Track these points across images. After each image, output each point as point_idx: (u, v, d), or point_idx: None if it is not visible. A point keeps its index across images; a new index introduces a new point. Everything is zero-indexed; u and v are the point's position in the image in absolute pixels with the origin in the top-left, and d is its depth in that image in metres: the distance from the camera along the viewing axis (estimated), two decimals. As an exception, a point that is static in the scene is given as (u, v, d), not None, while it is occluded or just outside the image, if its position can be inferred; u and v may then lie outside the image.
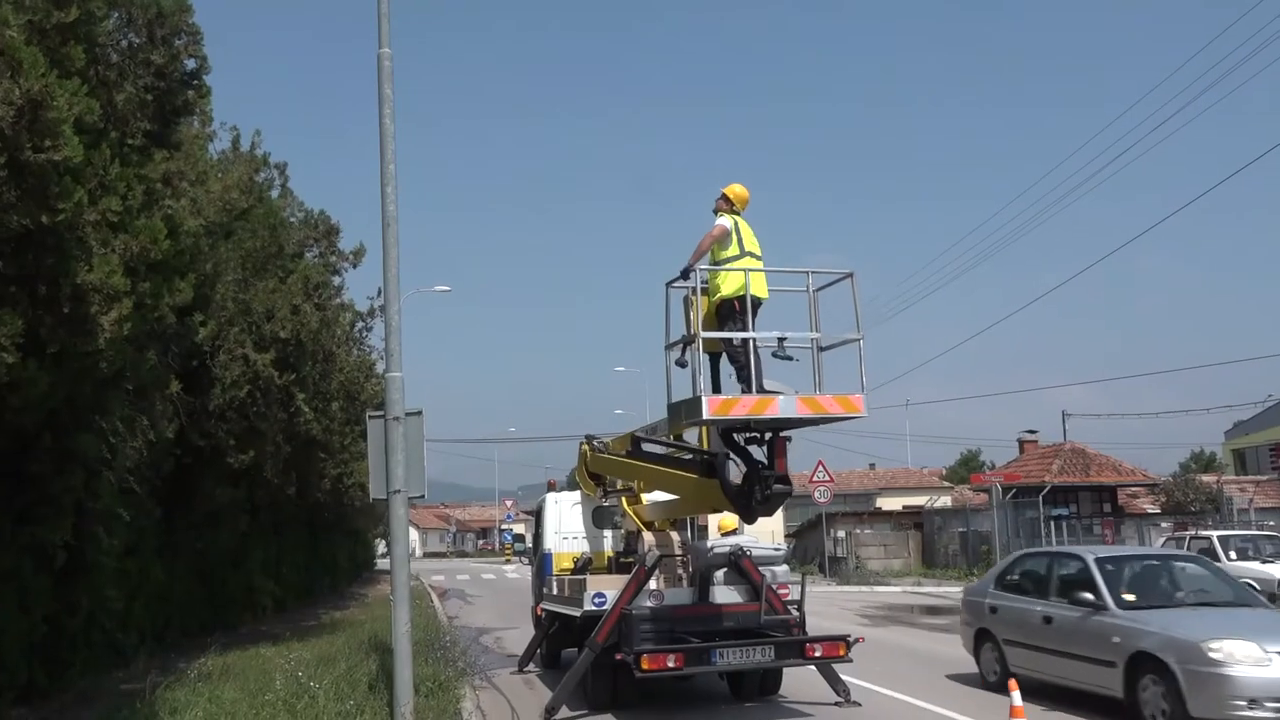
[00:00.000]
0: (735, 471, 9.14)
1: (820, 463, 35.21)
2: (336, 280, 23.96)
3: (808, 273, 8.93)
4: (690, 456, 10.05)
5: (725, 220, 9.14)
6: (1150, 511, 37.83)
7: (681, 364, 8.86)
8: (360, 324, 27.52)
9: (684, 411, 8.63)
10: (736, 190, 9.44)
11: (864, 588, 31.65)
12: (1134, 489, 40.89)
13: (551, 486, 16.01)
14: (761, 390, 8.46)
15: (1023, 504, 34.16)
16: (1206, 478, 41.97)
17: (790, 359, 8.85)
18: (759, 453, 8.90)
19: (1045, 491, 33.97)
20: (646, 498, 12.78)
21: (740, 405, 8.32)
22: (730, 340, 8.76)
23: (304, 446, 21.50)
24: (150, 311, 11.06)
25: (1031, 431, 43.17)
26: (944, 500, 46.71)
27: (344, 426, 24.71)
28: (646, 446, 11.23)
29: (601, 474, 12.93)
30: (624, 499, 12.55)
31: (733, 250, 8.98)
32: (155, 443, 14.35)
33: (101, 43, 10.83)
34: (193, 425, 16.22)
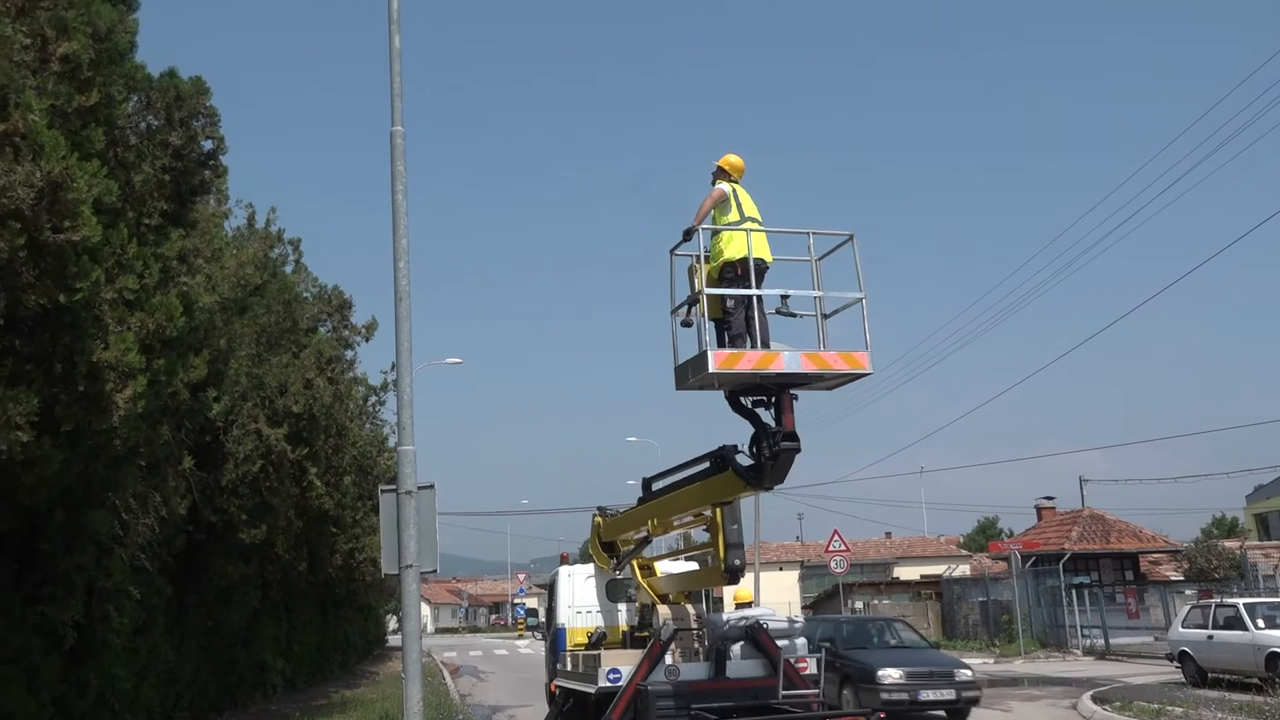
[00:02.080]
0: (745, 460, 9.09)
1: (835, 532, 34.85)
2: (349, 354, 24.19)
3: (809, 233, 8.93)
4: (699, 469, 9.97)
5: (724, 185, 9.17)
6: (1173, 579, 37.16)
7: (687, 324, 8.83)
8: (373, 398, 27.68)
9: (690, 370, 8.56)
10: (731, 160, 9.41)
11: (883, 660, 30.99)
12: (1155, 555, 40.25)
13: (564, 560, 15.85)
14: (766, 347, 8.44)
15: (1043, 572, 33.62)
16: (1229, 543, 41.28)
17: (794, 315, 8.81)
18: (768, 417, 8.80)
19: (1065, 559, 33.45)
20: (661, 569, 12.63)
21: (745, 359, 8.27)
22: (726, 306, 8.74)
23: (316, 521, 21.42)
24: (164, 388, 11.12)
25: (1049, 498, 42.67)
26: (962, 569, 46.05)
27: (356, 501, 24.65)
28: (657, 485, 11.16)
29: (615, 540, 12.80)
30: (638, 571, 12.41)
31: (733, 216, 8.97)
32: (167, 519, 14.31)
33: (121, 125, 11.08)
34: (205, 501, 16.19)
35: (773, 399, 8.72)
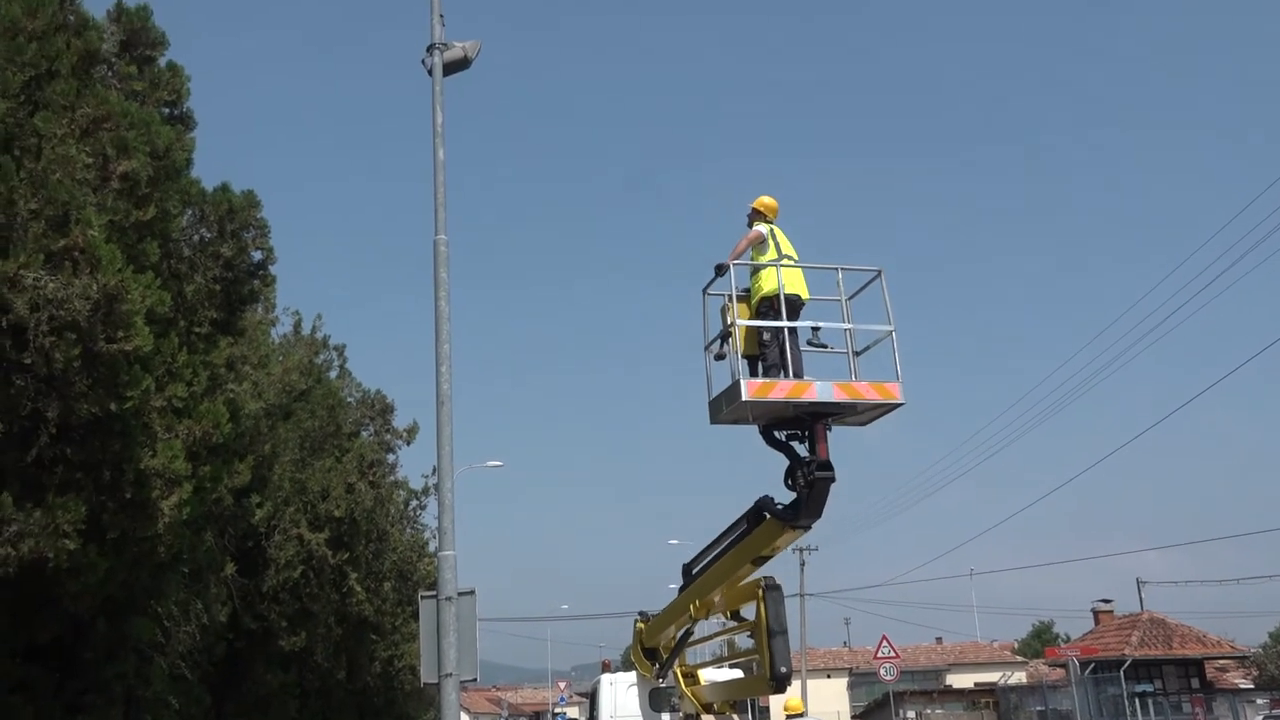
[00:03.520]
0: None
1: (884, 637, 33.79)
2: (391, 458, 24.30)
3: (838, 269, 9.04)
4: (737, 533, 9.80)
5: (761, 226, 9.34)
6: (1243, 686, 35.54)
7: (720, 357, 8.93)
8: (414, 502, 27.69)
9: (724, 401, 8.58)
10: (766, 201, 9.66)
11: (939, 774, 29.76)
12: (1222, 662, 38.55)
13: (606, 667, 15.56)
14: (800, 378, 8.43)
15: (1103, 679, 32.29)
16: (1300, 648, 39.55)
17: (825, 347, 8.88)
18: (803, 452, 8.72)
19: (1126, 666, 32.14)
20: (705, 676, 12.31)
21: (779, 389, 8.27)
22: (762, 339, 8.78)
23: (355, 628, 21.23)
24: (209, 494, 11.23)
25: (1106, 601, 41.22)
26: (1018, 676, 44.41)
27: (396, 607, 24.44)
28: (697, 569, 10.98)
29: (657, 646, 12.53)
30: (682, 679, 12.11)
31: (770, 254, 9.19)
32: (208, 626, 14.27)
33: (175, 238, 11.46)
34: (246, 607, 16.15)
35: (806, 432, 8.71)
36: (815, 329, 8.97)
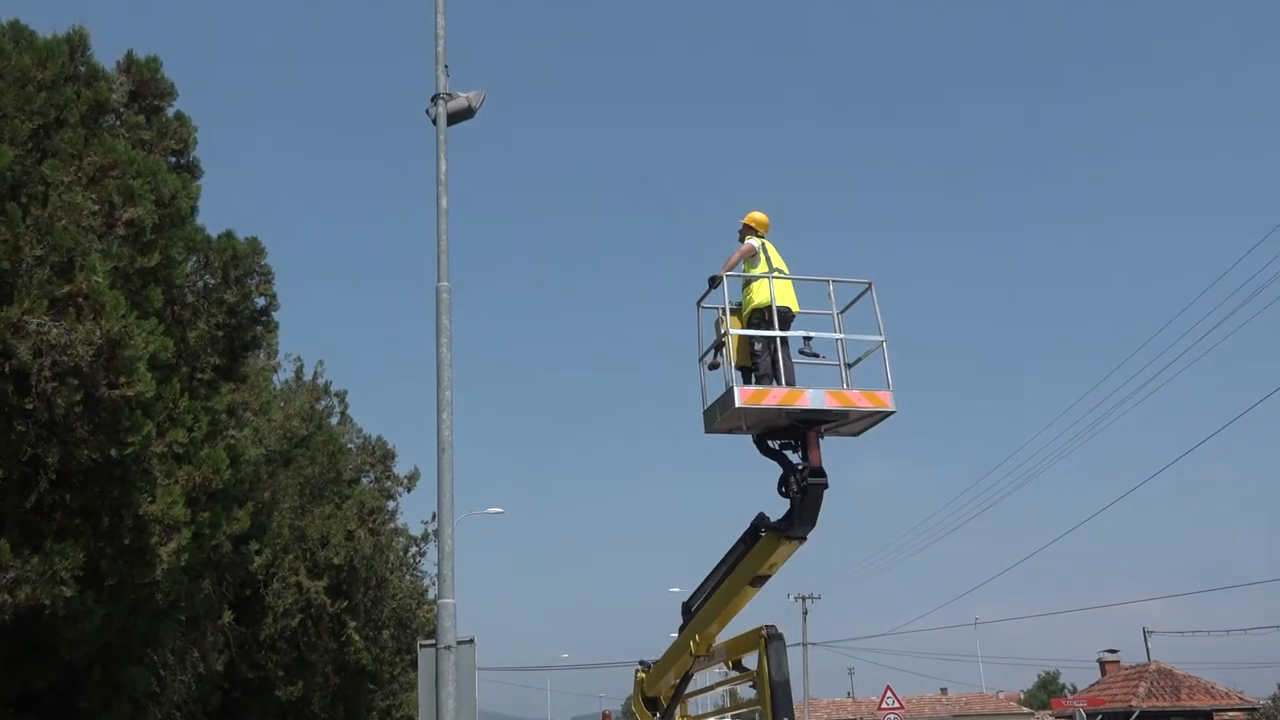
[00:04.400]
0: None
1: (889, 688, 33.39)
2: (391, 504, 24.20)
3: (829, 281, 9.20)
4: (734, 556, 9.75)
5: (753, 240, 9.54)
6: (1252, 738, 35.00)
7: (714, 366, 9.05)
8: (413, 549, 27.52)
9: (718, 409, 8.68)
10: (756, 216, 9.87)
11: (945, 828, 29.21)
12: (1232, 713, 38.01)
13: (606, 717, 15.36)
14: (792, 386, 8.57)
15: (1111, 731, 31.86)
16: (1309, 700, 38.97)
17: (817, 356, 9.01)
18: (796, 460, 8.75)
19: (1134, 717, 31.70)
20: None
21: (771, 396, 8.39)
22: (754, 349, 8.91)
23: (353, 677, 20.99)
24: (208, 541, 11.17)
25: (1112, 651, 40.73)
26: (1025, 728, 43.80)
27: (394, 656, 24.20)
28: (696, 604, 10.91)
29: (658, 695, 12.38)
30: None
31: (762, 268, 9.36)
32: (204, 676, 14.11)
33: (179, 284, 11.52)
34: (243, 656, 15.98)
35: (799, 440, 8.76)
36: (807, 339, 9.16)
